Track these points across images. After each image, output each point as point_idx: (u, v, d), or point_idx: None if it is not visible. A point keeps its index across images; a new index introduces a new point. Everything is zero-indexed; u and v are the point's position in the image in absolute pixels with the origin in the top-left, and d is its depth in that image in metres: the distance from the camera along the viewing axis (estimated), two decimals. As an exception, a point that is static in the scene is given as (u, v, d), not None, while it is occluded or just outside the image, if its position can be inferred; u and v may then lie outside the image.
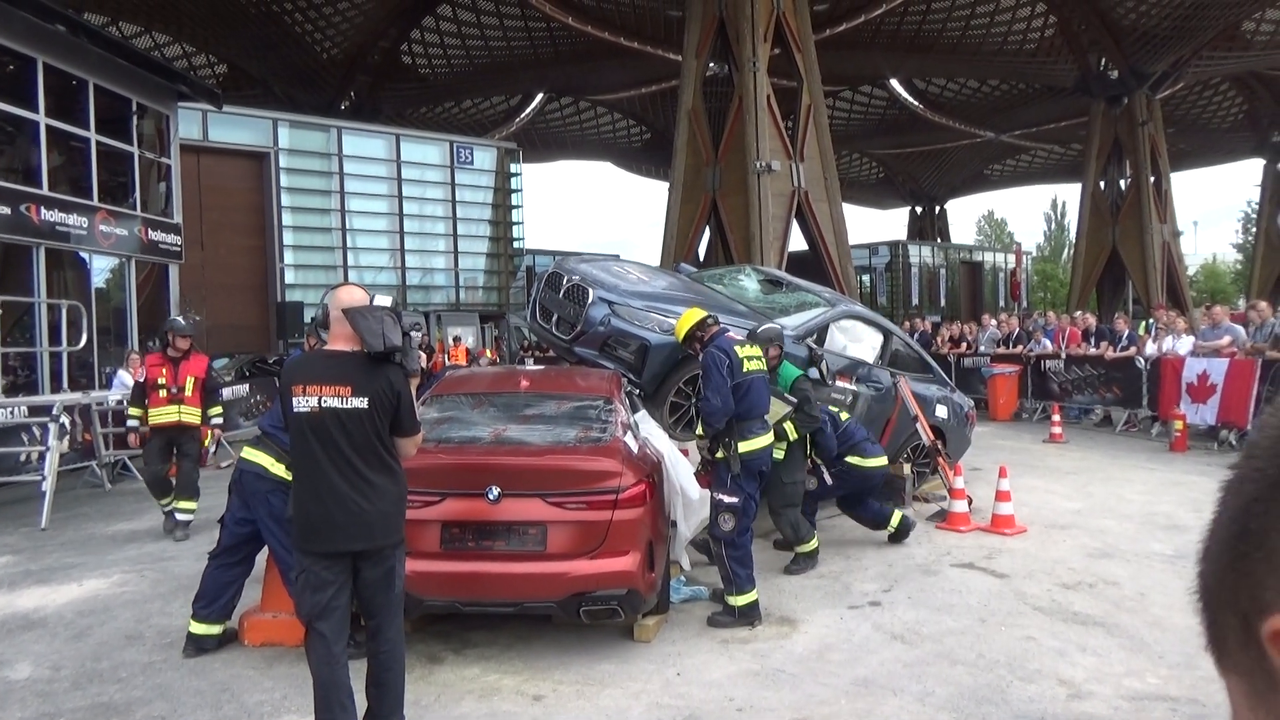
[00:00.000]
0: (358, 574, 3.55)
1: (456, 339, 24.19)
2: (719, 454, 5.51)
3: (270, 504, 4.77)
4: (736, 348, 5.58)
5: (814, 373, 7.50)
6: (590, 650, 4.91)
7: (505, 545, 4.67)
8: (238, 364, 17.56)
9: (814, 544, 6.60)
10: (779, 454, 6.30)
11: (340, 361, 3.55)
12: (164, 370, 7.96)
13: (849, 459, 6.99)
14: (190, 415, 8.08)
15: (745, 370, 5.51)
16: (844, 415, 7.41)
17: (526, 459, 4.89)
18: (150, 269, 15.49)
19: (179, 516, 7.95)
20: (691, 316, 5.88)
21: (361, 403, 3.47)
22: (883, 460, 7.25)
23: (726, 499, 5.43)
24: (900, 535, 7.13)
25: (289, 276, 25.12)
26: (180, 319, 8.95)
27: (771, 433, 5.80)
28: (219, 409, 8.54)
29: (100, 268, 14.47)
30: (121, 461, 11.09)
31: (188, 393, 8.02)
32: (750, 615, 5.36)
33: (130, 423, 8.19)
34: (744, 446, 5.46)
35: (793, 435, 6.49)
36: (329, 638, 3.47)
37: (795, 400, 6.47)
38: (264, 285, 24.89)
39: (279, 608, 4.98)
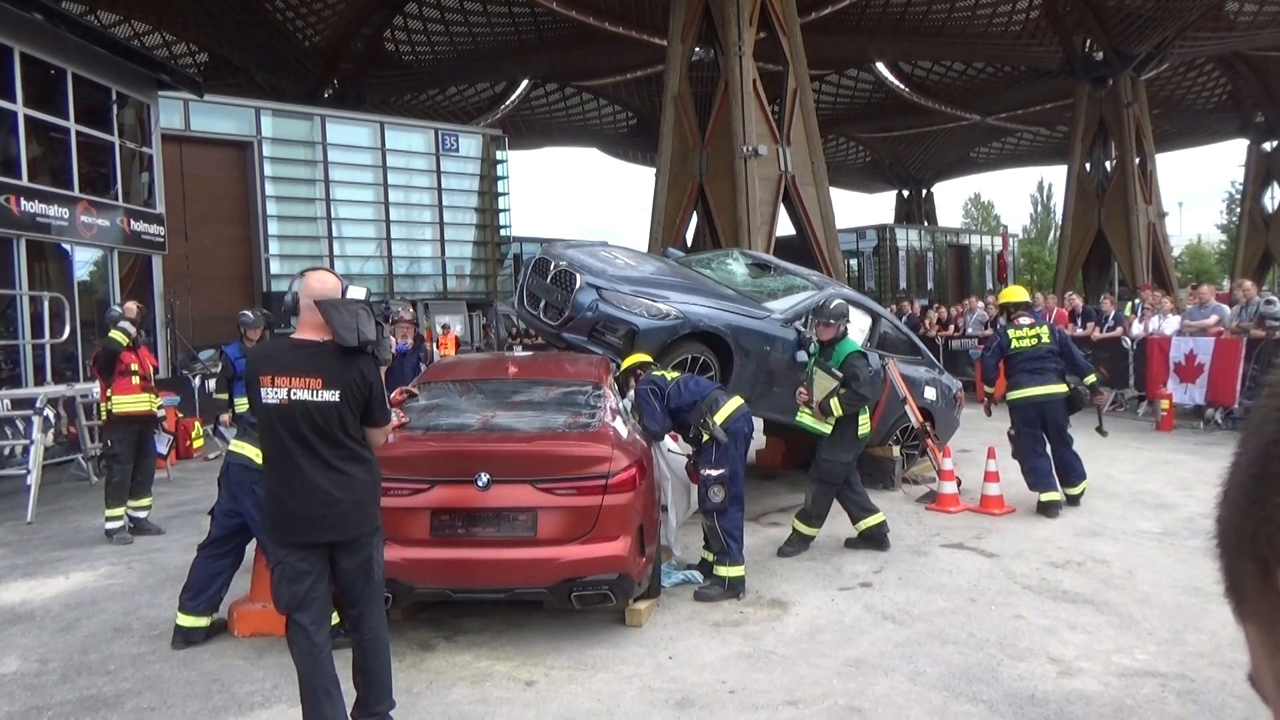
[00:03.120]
0: (335, 564, 3.51)
1: (445, 327, 24.07)
2: (704, 438, 5.60)
3: (256, 495, 4.74)
4: (659, 373, 5.94)
5: (802, 355, 7.51)
6: (582, 635, 4.91)
7: (495, 531, 4.65)
8: (219, 355, 17.42)
9: (815, 531, 6.53)
10: (825, 429, 6.40)
11: (310, 352, 3.47)
12: (135, 355, 7.64)
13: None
14: (156, 405, 7.95)
15: (670, 379, 5.82)
16: (1043, 337, 7.76)
17: (515, 445, 4.87)
18: (133, 260, 15.36)
19: (133, 515, 7.59)
20: (637, 358, 6.26)
21: (332, 395, 3.41)
22: (1058, 384, 7.74)
23: (714, 471, 5.53)
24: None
25: (274, 266, 24.95)
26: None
27: (738, 396, 5.90)
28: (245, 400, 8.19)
29: (83, 259, 14.32)
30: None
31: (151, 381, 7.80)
32: (737, 588, 5.49)
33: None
34: (719, 416, 5.59)
35: (837, 411, 6.33)
36: (309, 628, 3.45)
37: (842, 376, 6.34)
38: (249, 276, 24.72)
39: (268, 598, 4.94)
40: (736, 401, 5.77)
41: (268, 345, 3.78)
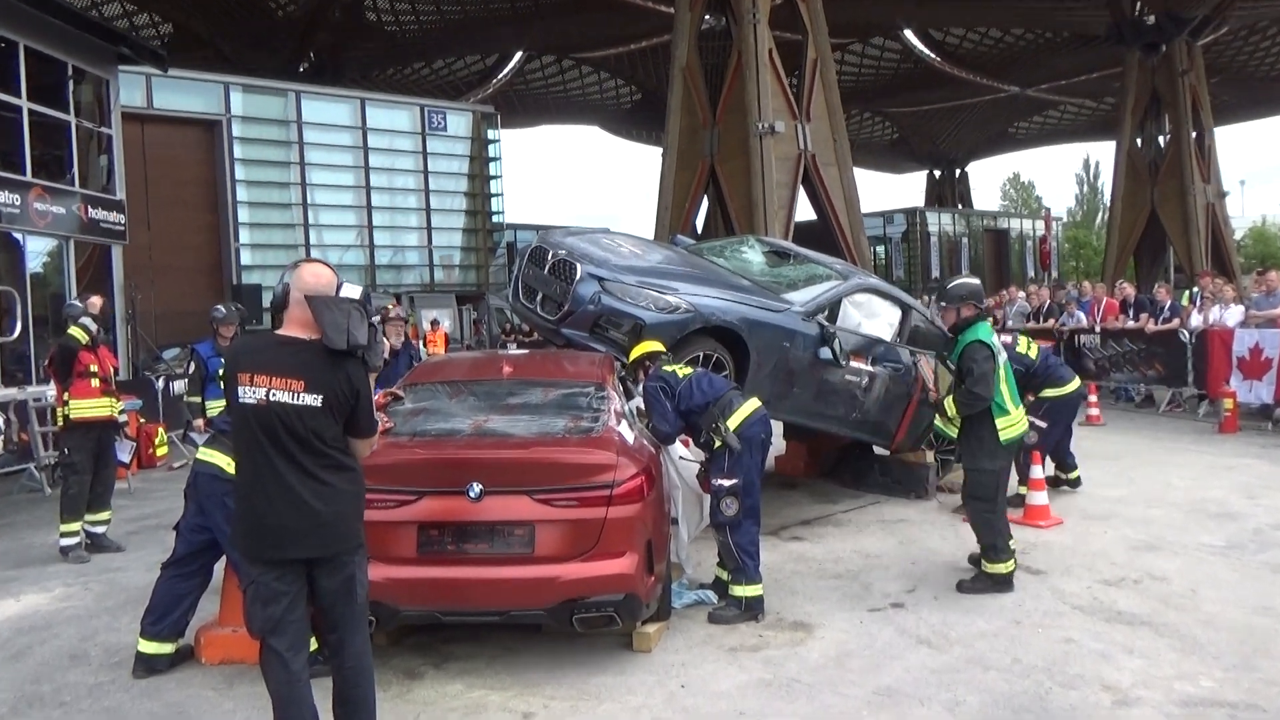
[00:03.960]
0: (314, 583, 3.49)
1: (435, 322, 24.13)
2: (715, 444, 5.57)
3: (227, 508, 4.71)
4: (669, 368, 5.87)
5: (826, 352, 7.47)
6: (584, 662, 4.87)
7: (489, 548, 4.63)
8: (188, 354, 17.46)
9: (1009, 566, 5.89)
10: (952, 432, 6.23)
11: (294, 350, 3.44)
12: (95, 355, 7.62)
13: (1045, 393, 7.43)
14: (118, 410, 7.93)
15: (681, 376, 5.76)
16: (1030, 351, 7.99)
17: (511, 452, 4.84)
18: (91, 250, 15.38)
19: (91, 531, 7.56)
20: (648, 347, 6.19)
21: (314, 400, 3.38)
22: (1076, 381, 8.29)
23: (726, 482, 5.49)
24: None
25: (245, 257, 25.05)
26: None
27: (755, 398, 5.82)
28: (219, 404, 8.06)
29: (36, 250, 14.36)
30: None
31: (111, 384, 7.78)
32: (755, 609, 5.46)
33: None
34: (733, 421, 5.55)
35: (951, 412, 6.04)
36: (285, 655, 3.42)
37: (956, 370, 6.06)
38: (218, 267, 24.82)
39: (239, 622, 4.92)
40: (753, 405, 5.73)
41: (250, 340, 3.74)
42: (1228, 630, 5.08)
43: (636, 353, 6.16)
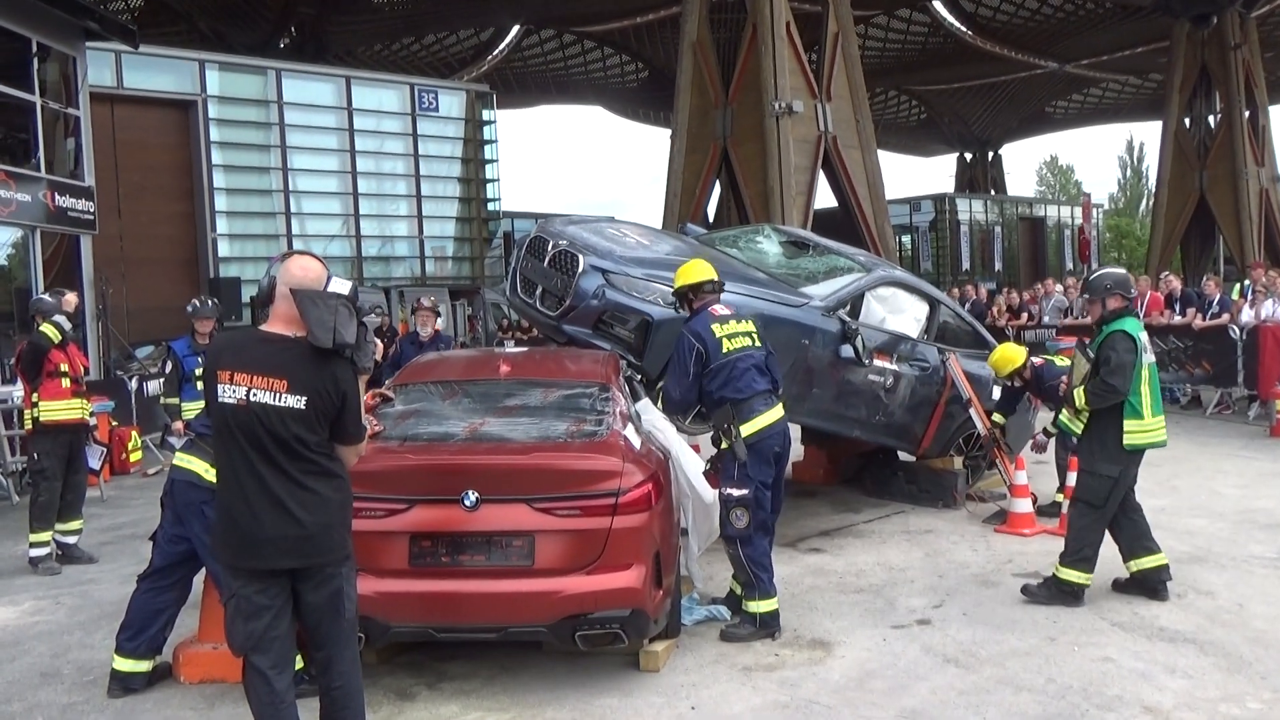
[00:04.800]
0: (299, 597, 3.52)
1: (424, 319, 24.14)
2: (723, 444, 5.57)
3: (205, 516, 4.75)
4: (716, 325, 5.65)
5: (847, 350, 7.50)
6: (588, 682, 4.91)
7: (485, 560, 4.67)
8: (163, 353, 17.53)
9: (1086, 578, 5.91)
10: (1076, 429, 6.13)
11: (278, 348, 3.48)
12: (65, 354, 7.65)
13: None
14: (88, 412, 7.98)
15: (725, 351, 5.59)
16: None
17: (508, 458, 4.88)
18: (59, 241, 15.45)
19: (62, 541, 7.62)
20: (695, 272, 5.90)
21: (297, 401, 3.41)
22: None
23: (735, 492, 5.48)
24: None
25: (223, 248, 25.08)
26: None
27: (777, 408, 5.68)
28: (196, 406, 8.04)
29: (-1, 241, 14.46)
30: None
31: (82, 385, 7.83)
32: (771, 625, 5.47)
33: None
34: (746, 429, 5.51)
35: (1080, 404, 5.97)
36: (269, 673, 3.46)
37: (1093, 359, 5.97)
38: (194, 259, 24.85)
39: (220, 638, 4.96)
40: (775, 415, 5.64)
41: (232, 336, 3.79)
42: (1278, 649, 5.10)
43: (681, 281, 5.91)
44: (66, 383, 7.65)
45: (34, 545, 7.47)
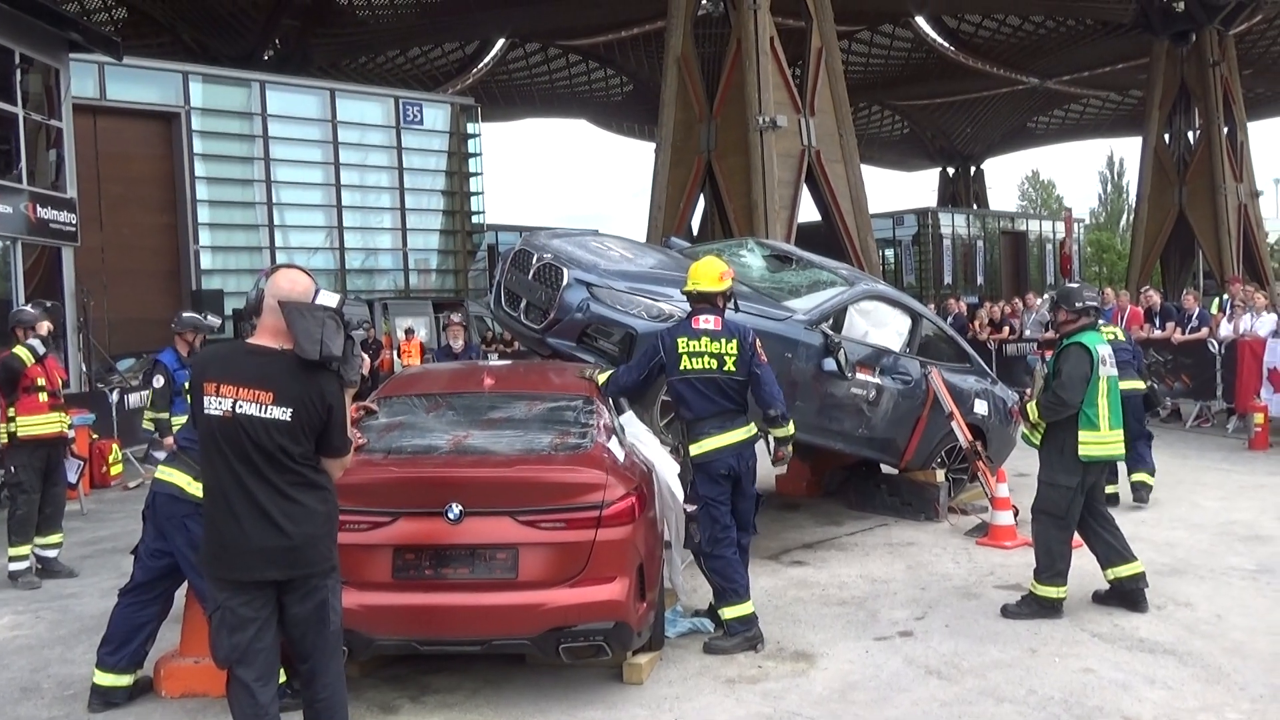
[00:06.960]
0: (284, 610, 3.53)
1: (409, 331, 24.07)
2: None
3: (188, 530, 4.74)
4: (684, 339, 5.65)
5: (830, 364, 7.53)
6: (572, 695, 4.91)
7: (469, 573, 4.67)
8: (145, 365, 17.43)
9: (1061, 591, 5.98)
10: (1035, 439, 6.16)
11: (265, 360, 3.50)
12: (42, 368, 7.63)
13: None
14: (67, 425, 7.95)
15: (682, 369, 5.62)
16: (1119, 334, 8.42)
17: (492, 470, 4.89)
18: (40, 253, 15.37)
19: (41, 555, 7.58)
20: (708, 273, 5.87)
21: (283, 414, 3.43)
22: (1139, 381, 8.71)
23: (689, 508, 5.65)
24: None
25: (205, 260, 24.99)
26: (30, 307, 8.51)
27: (734, 431, 5.64)
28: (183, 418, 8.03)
29: (-20, 253, 14.36)
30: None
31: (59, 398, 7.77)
32: (742, 630, 5.50)
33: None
34: (695, 449, 5.62)
35: (1033, 416, 6.09)
36: (253, 686, 3.46)
37: (1049, 373, 6.09)
38: (176, 270, 24.74)
39: (202, 652, 4.95)
40: (728, 438, 5.61)
41: (219, 347, 3.80)
42: (1256, 659, 5.15)
43: (695, 276, 5.85)
44: (44, 397, 7.63)
45: (13, 559, 7.42)
